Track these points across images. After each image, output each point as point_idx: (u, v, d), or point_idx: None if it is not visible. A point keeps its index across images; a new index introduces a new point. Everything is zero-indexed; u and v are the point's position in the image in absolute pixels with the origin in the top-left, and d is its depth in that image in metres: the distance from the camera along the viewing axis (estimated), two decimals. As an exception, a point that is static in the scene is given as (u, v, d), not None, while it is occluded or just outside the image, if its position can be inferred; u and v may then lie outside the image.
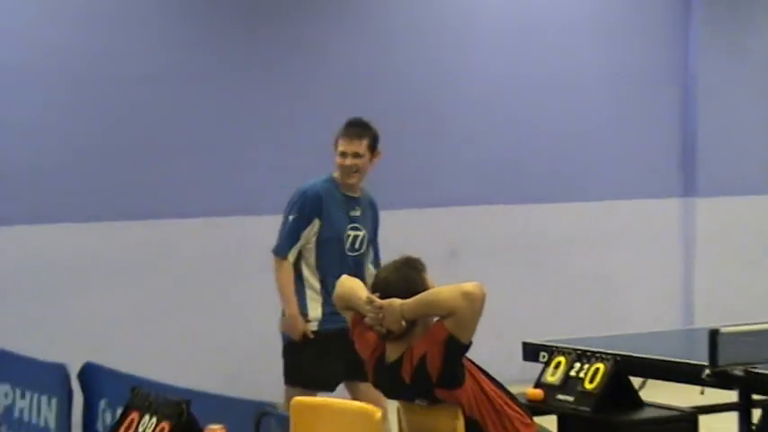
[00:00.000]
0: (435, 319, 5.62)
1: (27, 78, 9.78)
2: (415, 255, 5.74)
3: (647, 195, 12.16)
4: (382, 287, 5.66)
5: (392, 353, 5.70)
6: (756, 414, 6.77)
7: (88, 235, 9.94)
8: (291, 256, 7.34)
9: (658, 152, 12.24)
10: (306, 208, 7.36)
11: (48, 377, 7.34)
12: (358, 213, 7.49)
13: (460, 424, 5.57)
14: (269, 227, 10.41)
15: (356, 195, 7.52)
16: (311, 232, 7.34)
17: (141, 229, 10.11)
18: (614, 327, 8.71)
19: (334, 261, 7.33)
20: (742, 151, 12.43)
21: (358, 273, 7.18)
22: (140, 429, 5.14)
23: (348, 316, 5.88)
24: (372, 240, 7.61)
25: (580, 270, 11.61)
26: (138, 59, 10.15)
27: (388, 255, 6.04)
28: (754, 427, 6.73)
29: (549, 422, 6.05)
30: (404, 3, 11.11)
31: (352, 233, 7.44)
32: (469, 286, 5.53)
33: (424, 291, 5.64)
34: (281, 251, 7.41)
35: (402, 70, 10.98)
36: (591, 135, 11.84)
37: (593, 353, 6.11)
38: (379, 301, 5.59)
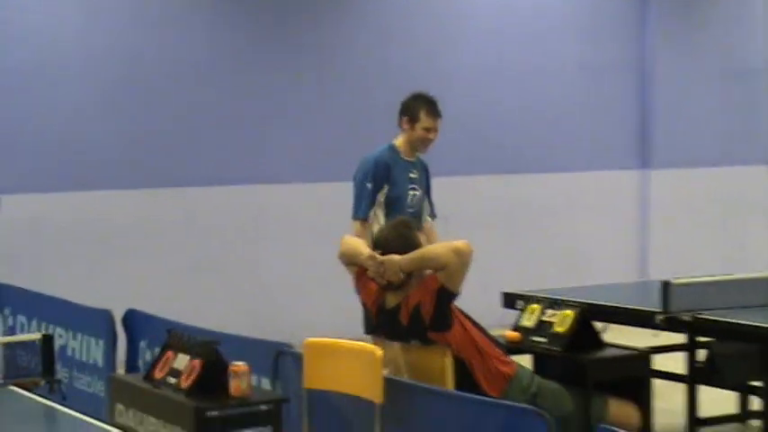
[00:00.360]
0: (428, 271, 5.67)
1: (81, 70, 9.76)
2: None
3: (608, 168, 12.17)
4: (382, 244, 5.70)
5: (391, 300, 5.74)
6: (701, 354, 6.81)
7: (129, 201, 9.92)
8: (370, 218, 7.19)
9: (619, 131, 12.24)
10: (378, 175, 7.20)
11: (96, 322, 7.31)
12: (415, 175, 7.39)
13: (449, 361, 5.62)
14: (286, 194, 10.52)
15: (413, 160, 7.42)
16: (382, 195, 7.22)
17: (175, 196, 10.08)
18: (581, 279, 8.71)
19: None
20: (690, 130, 12.42)
21: (417, 221, 7.18)
22: (175, 366, 5.16)
23: (352, 270, 5.92)
24: (427, 196, 7.54)
25: (552, 231, 11.64)
26: (177, 52, 10.13)
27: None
28: (699, 365, 6.77)
29: (525, 360, 6.05)
30: (404, 4, 11.07)
31: (411, 193, 7.33)
32: (459, 244, 5.60)
33: (417, 247, 5.68)
34: (361, 214, 7.17)
35: (400, 61, 10.95)
36: (561, 116, 11.83)
37: (563, 301, 6.14)
38: (380, 257, 5.62)
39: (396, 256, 5.61)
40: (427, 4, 11.22)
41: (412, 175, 7.36)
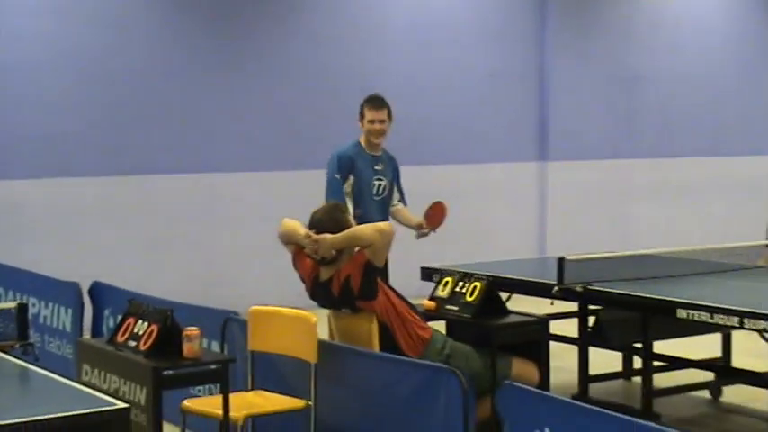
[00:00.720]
0: (356, 249, 5.67)
1: (55, 72, 9.63)
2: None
3: (512, 160, 12.21)
4: (316, 225, 5.69)
5: (324, 274, 5.73)
6: (591, 320, 6.84)
7: (95, 187, 9.83)
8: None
9: (520, 128, 12.28)
10: (343, 168, 7.18)
11: (65, 292, 7.27)
12: (380, 168, 7.34)
13: (375, 327, 5.63)
14: (234, 181, 10.46)
15: (378, 154, 7.37)
16: (348, 185, 7.21)
17: (136, 182, 10.00)
18: (488, 256, 8.73)
19: (366, 205, 7.18)
20: (581, 128, 12.52)
21: (384, 211, 7.25)
22: (135, 331, 5.11)
23: (290, 249, 5.90)
24: (396, 186, 7.51)
25: (464, 214, 11.61)
26: (141, 56, 10.02)
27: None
28: (589, 329, 6.81)
29: (440, 326, 6.05)
30: (333, 16, 11.02)
31: (376, 183, 7.29)
32: (382, 225, 5.74)
33: (347, 227, 5.68)
34: (335, 197, 7.07)
35: (332, 65, 10.92)
36: (472, 115, 11.84)
37: (473, 274, 6.14)
38: (314, 236, 5.62)
39: (328, 236, 5.61)
40: (353, 15, 11.16)
41: (377, 168, 7.32)
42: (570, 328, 6.86)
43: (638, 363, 6.95)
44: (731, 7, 13.71)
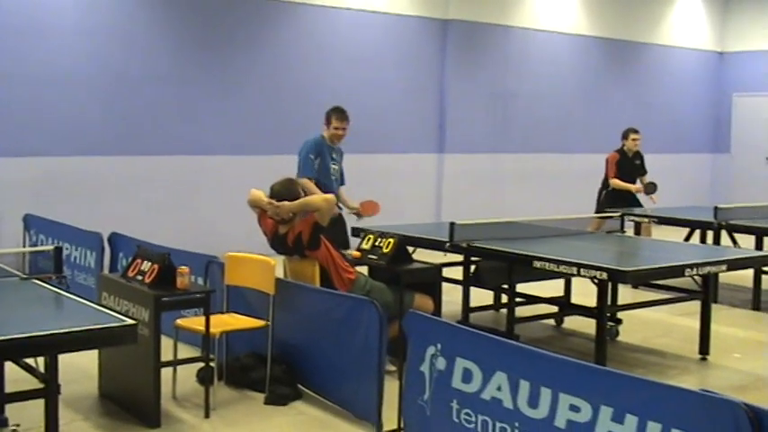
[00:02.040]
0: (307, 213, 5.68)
1: (80, 74, 9.46)
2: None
3: (418, 152, 12.21)
4: (276, 195, 5.69)
5: (282, 230, 5.74)
6: (473, 268, 6.91)
7: (111, 164, 9.69)
8: (313, 178, 7.15)
9: (425, 128, 12.30)
10: (315, 151, 7.22)
11: (91, 240, 7.20)
12: (336, 156, 7.41)
13: (317, 269, 5.65)
14: (216, 162, 10.36)
15: (334, 146, 7.40)
16: (316, 164, 7.21)
17: (143, 161, 9.87)
18: (400, 221, 8.75)
19: (326, 181, 7.23)
20: (469, 130, 12.59)
21: (335, 187, 7.28)
22: (142, 269, 5.07)
23: (256, 211, 5.88)
24: (341, 170, 7.54)
25: (383, 190, 11.60)
26: (144, 62, 9.84)
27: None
28: (471, 274, 6.88)
29: (364, 270, 6.09)
30: (303, 37, 10.93)
31: (333, 166, 7.35)
32: (328, 196, 5.84)
33: (298, 196, 5.69)
34: (308, 174, 7.15)
35: (295, 72, 10.85)
36: (389, 118, 11.85)
37: (388, 233, 6.12)
38: (276, 203, 5.61)
39: (287, 203, 5.60)
40: (312, 40, 11.07)
41: (334, 156, 7.39)
42: (457, 273, 6.91)
43: (504, 299, 7.03)
44: (575, 46, 13.85)
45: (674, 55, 15.29)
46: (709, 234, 8.89)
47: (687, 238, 9.34)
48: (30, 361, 4.33)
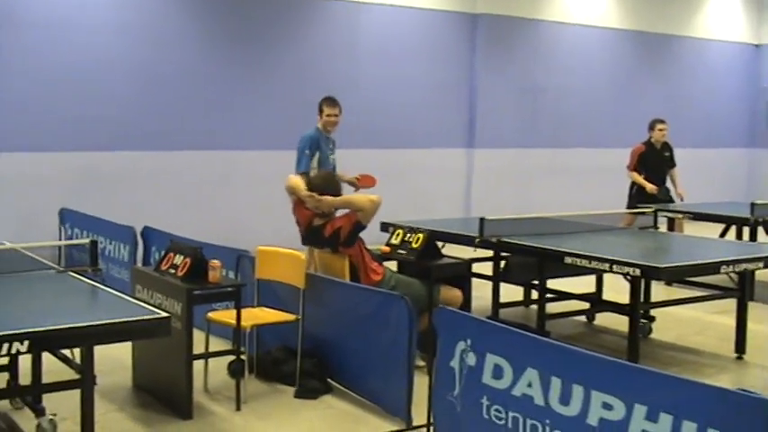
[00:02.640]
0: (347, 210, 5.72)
1: (113, 71, 9.56)
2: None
3: (448, 147, 12.22)
4: (317, 188, 5.78)
5: (317, 221, 5.78)
6: (502, 263, 6.90)
7: (145, 159, 9.80)
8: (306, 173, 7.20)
9: (455, 123, 12.29)
10: (312, 146, 7.34)
11: (125, 233, 7.30)
12: (332, 146, 7.54)
13: (347, 264, 5.69)
14: (248, 157, 10.43)
15: (330, 136, 7.53)
16: (315, 160, 7.33)
17: (174, 156, 9.97)
18: (430, 215, 8.76)
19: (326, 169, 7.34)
20: (498, 125, 12.57)
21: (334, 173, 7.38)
22: (174, 262, 5.12)
23: (292, 199, 5.93)
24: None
25: (412, 185, 11.71)
26: (173, 60, 9.94)
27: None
28: (500, 270, 6.88)
29: (392, 265, 6.10)
30: (331, 34, 10.95)
31: (331, 156, 7.50)
32: (374, 197, 5.73)
33: (338, 192, 5.82)
34: (302, 169, 7.23)
35: (320, 70, 10.88)
36: (419, 113, 11.85)
37: (418, 228, 6.14)
38: (317, 197, 5.69)
39: (329, 197, 5.69)
40: (341, 36, 11.11)
41: (331, 147, 7.52)
42: (487, 268, 6.90)
43: (535, 295, 7.00)
44: (606, 39, 13.76)
45: (709, 48, 15.12)
46: (746, 230, 8.78)
47: (722, 235, 9.23)
48: (66, 352, 4.40)
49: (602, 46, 13.67)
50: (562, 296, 6.81)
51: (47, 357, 4.40)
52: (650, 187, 9.65)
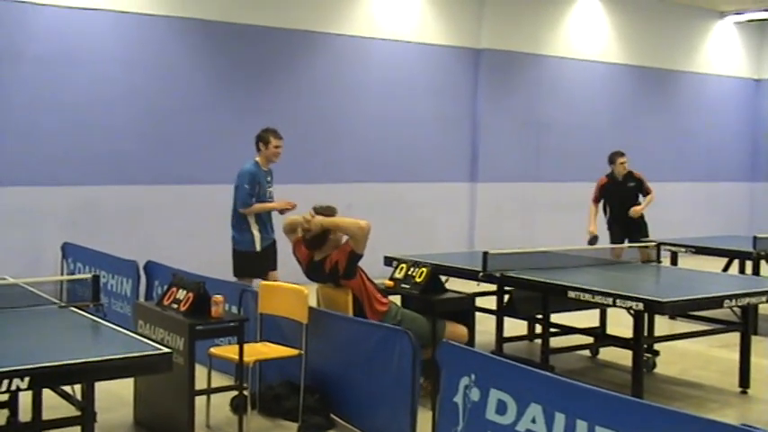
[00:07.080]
0: (344, 239, 5.68)
1: (116, 105, 9.61)
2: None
3: (452, 180, 12.25)
4: (317, 209, 5.79)
5: (317, 256, 5.75)
6: (506, 297, 6.88)
7: (148, 192, 9.82)
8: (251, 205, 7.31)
9: (458, 158, 12.33)
10: (250, 180, 7.34)
11: (127, 268, 7.27)
12: (270, 179, 7.56)
13: (350, 298, 5.65)
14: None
15: (267, 170, 7.56)
16: (255, 193, 7.35)
17: (177, 190, 9.99)
18: (433, 249, 8.75)
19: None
20: (501, 159, 12.60)
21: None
22: (177, 297, 5.11)
23: (291, 239, 5.91)
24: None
25: (416, 219, 11.70)
26: (180, 94, 9.99)
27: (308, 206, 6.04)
28: (504, 304, 6.85)
29: (396, 299, 6.08)
30: (333, 72, 11.02)
31: (269, 190, 7.51)
32: (362, 222, 5.65)
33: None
34: (248, 202, 7.33)
35: (324, 106, 10.92)
36: (423, 147, 11.90)
37: (421, 262, 6.15)
38: (308, 217, 5.68)
39: (320, 217, 5.70)
40: (342, 74, 11.18)
41: (269, 179, 7.55)
42: (490, 302, 6.89)
43: (538, 329, 6.99)
44: (608, 74, 13.83)
45: (710, 83, 15.20)
46: (748, 264, 8.76)
47: (725, 269, 9.22)
48: (67, 388, 4.37)
49: (603, 81, 13.74)
50: (566, 330, 6.77)
51: (47, 393, 4.37)
52: (590, 230, 9.62)
